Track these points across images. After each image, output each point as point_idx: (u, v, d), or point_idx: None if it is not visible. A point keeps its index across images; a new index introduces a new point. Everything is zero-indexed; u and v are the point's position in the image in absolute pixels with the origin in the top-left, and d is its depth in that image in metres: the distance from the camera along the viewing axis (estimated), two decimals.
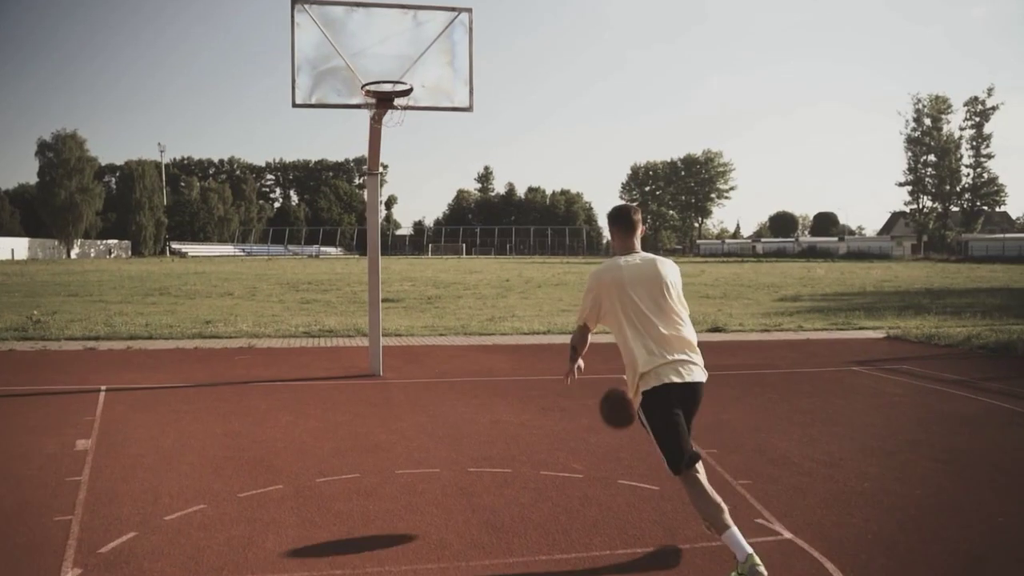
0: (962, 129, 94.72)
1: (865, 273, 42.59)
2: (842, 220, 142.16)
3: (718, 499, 3.88)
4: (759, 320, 16.17)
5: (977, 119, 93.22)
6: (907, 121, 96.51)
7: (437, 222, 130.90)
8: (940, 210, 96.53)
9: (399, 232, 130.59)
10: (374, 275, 9.03)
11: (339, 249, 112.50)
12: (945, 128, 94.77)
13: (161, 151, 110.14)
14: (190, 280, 32.54)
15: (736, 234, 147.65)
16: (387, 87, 7.28)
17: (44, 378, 8.85)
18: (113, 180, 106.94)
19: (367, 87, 7.32)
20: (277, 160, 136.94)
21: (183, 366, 9.74)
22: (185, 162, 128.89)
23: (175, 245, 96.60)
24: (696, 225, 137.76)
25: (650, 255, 4.35)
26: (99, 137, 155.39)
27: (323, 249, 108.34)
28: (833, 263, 70.76)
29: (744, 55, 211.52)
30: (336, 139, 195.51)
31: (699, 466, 4.04)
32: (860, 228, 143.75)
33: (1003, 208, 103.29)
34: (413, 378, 9.02)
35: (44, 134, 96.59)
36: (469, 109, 7.85)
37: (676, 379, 4.13)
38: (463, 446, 6.07)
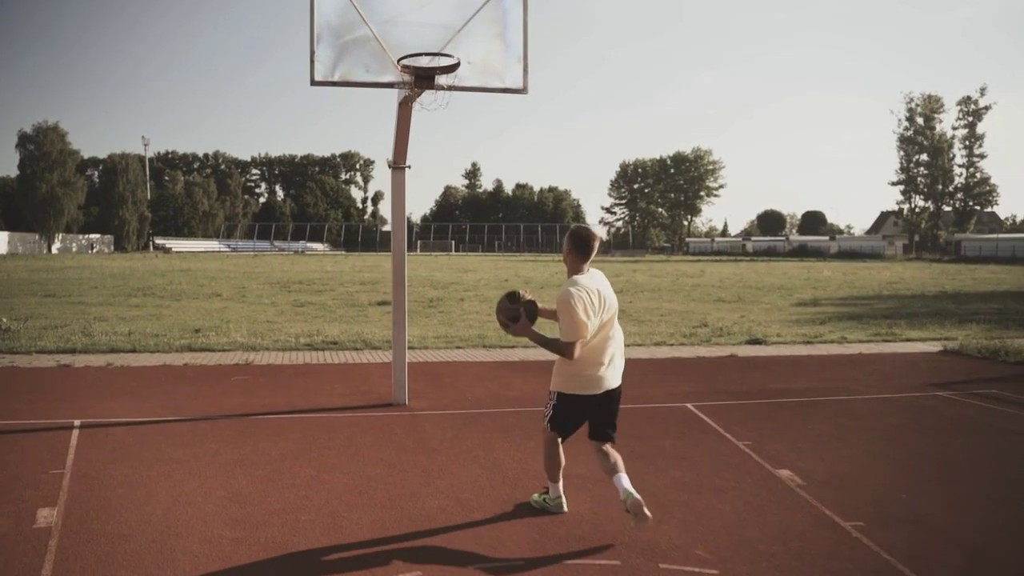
0: (955, 129, 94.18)
1: (870, 274, 41.61)
2: (830, 219, 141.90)
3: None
4: (793, 329, 14.99)
5: (970, 119, 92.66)
6: (900, 120, 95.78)
7: (424, 219, 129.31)
8: (932, 210, 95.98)
9: (386, 228, 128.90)
10: (400, 289, 7.67)
11: (325, 245, 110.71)
12: (938, 128, 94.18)
13: (145, 145, 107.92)
14: (175, 279, 31.02)
15: (724, 232, 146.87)
16: (427, 61, 5.95)
17: (7, 408, 7.43)
18: (96, 174, 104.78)
19: (404, 61, 5.98)
20: (263, 155, 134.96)
21: (172, 390, 8.36)
22: (169, 156, 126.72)
23: (159, 240, 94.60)
24: (685, 223, 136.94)
25: (598, 272, 4.95)
26: (81, 130, 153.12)
27: (309, 245, 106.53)
28: (827, 262, 69.99)
29: (731, 51, 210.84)
30: (322, 134, 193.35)
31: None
32: (849, 227, 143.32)
33: (993, 208, 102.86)
34: (443, 407, 7.69)
35: (25, 126, 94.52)
36: (523, 91, 6.49)
37: (596, 391, 4.82)
38: (542, 520, 4.77)
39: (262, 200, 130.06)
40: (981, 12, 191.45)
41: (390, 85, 6.33)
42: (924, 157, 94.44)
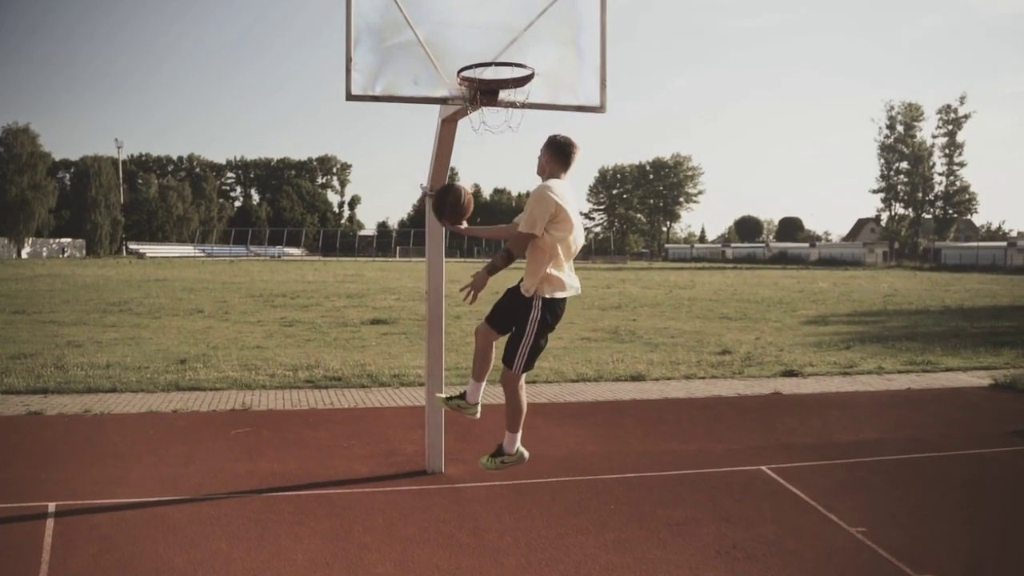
0: (934, 137, 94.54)
1: (862, 285, 40.99)
2: (807, 225, 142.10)
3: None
4: (821, 356, 14.05)
5: (950, 127, 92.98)
6: (880, 128, 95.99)
7: (402, 223, 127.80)
8: (912, 217, 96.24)
9: (363, 233, 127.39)
10: (436, 339, 6.54)
11: (302, 250, 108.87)
12: (918, 136, 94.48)
13: (118, 147, 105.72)
14: (151, 290, 29.62)
15: (703, 238, 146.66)
16: (490, 73, 4.83)
17: None
18: (67, 177, 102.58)
19: (465, 72, 4.88)
20: (238, 158, 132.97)
21: (163, 450, 7.15)
22: (143, 159, 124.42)
23: (132, 245, 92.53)
24: (664, 229, 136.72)
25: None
26: (53, 132, 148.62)
27: (286, 250, 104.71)
28: (812, 270, 69.55)
29: (707, 54, 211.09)
30: (299, 137, 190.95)
31: None
32: (827, 234, 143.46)
33: (971, 216, 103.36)
34: (486, 477, 6.55)
35: None
36: (600, 109, 5.40)
37: (569, 294, 5.00)
38: None
39: (237, 204, 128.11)
40: (948, 20, 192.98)
41: (443, 101, 5.19)
42: (904, 165, 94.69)
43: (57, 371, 10.88)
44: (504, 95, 4.99)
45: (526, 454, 5.31)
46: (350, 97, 4.94)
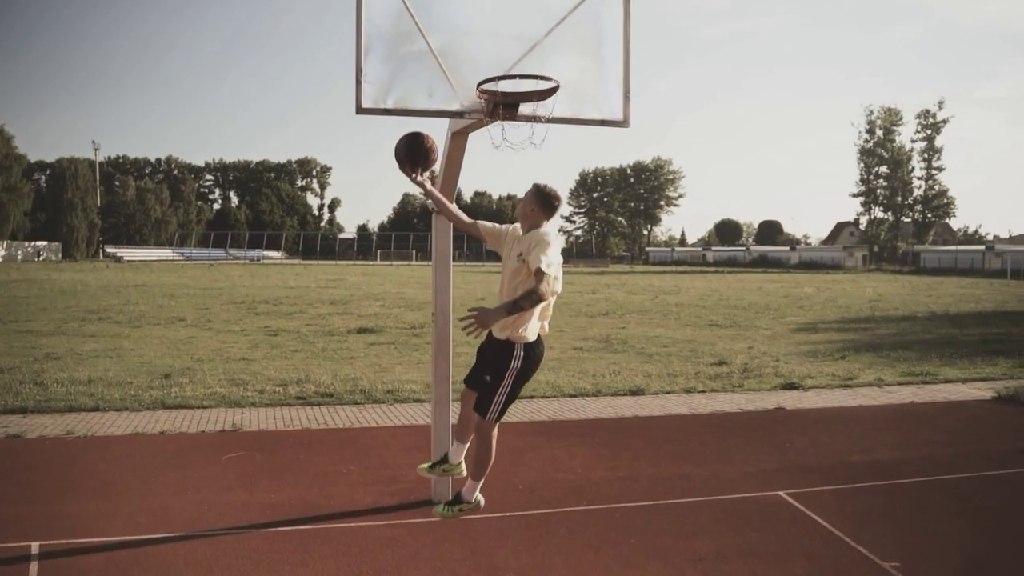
0: (913, 141, 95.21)
1: (846, 290, 41.02)
2: (787, 229, 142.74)
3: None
4: (820, 368, 13.86)
5: (928, 132, 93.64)
6: (860, 132, 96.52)
7: (382, 226, 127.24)
8: (892, 221, 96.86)
9: (343, 236, 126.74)
10: (443, 364, 6.22)
11: (282, 253, 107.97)
12: (897, 140, 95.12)
13: (95, 149, 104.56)
14: (131, 297, 29.06)
15: (683, 241, 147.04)
16: (510, 85, 4.52)
17: None
18: (43, 179, 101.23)
19: (486, 86, 4.57)
20: (217, 160, 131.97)
21: (153, 479, 6.76)
22: (120, 161, 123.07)
23: (109, 249, 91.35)
24: (645, 232, 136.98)
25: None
26: (28, 133, 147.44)
27: (265, 253, 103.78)
28: (794, 274, 69.77)
29: (687, 58, 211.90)
30: (278, 139, 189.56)
31: None
32: (806, 237, 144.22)
33: (950, 220, 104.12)
34: (495, 506, 6.22)
35: None
36: (624, 123, 5.10)
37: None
38: None
39: (216, 207, 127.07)
40: (925, 28, 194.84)
41: (460, 115, 4.88)
42: (884, 169, 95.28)
43: (36, 388, 10.46)
44: (524, 109, 4.69)
45: (482, 502, 5.23)
46: (360, 111, 4.61)
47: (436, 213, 5.79)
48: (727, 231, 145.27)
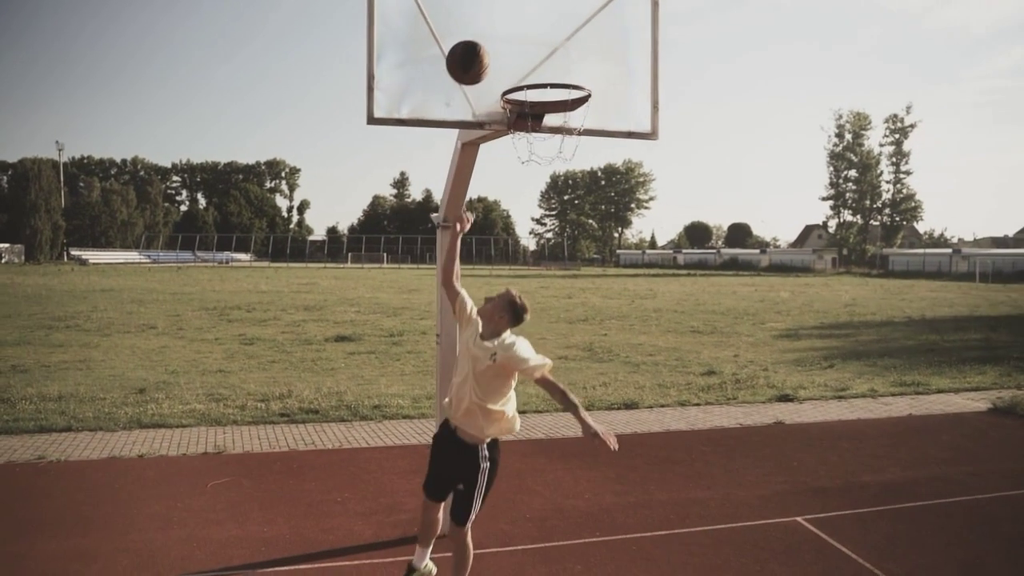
0: (881, 146, 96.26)
1: (819, 294, 41.16)
2: (756, 231, 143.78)
3: None
4: (810, 378, 13.68)
5: (897, 136, 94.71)
6: (830, 136, 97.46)
7: (352, 228, 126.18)
8: (861, 224, 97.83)
9: (313, 238, 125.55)
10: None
11: (251, 256, 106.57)
12: (866, 144, 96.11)
13: (59, 149, 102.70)
14: (98, 301, 28.29)
15: (653, 244, 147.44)
16: (534, 94, 4.15)
17: None
18: (5, 179, 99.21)
19: (511, 95, 4.20)
20: (184, 161, 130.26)
21: (134, 513, 6.29)
22: (85, 161, 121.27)
23: (74, 251, 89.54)
24: (616, 235, 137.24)
25: None
26: None
27: (234, 256, 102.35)
28: (765, 277, 70.13)
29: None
30: (246, 140, 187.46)
31: None
32: (775, 239, 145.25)
33: (917, 223, 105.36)
34: (506, 538, 5.85)
35: None
36: (652, 135, 4.77)
37: None
38: None
39: (183, 208, 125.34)
40: (885, 33, 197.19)
41: (479, 125, 4.51)
42: (853, 173, 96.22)
43: (3, 405, 9.92)
44: (550, 120, 4.33)
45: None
46: (372, 120, 4.21)
47: (442, 228, 5.41)
48: (697, 233, 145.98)
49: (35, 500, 6.56)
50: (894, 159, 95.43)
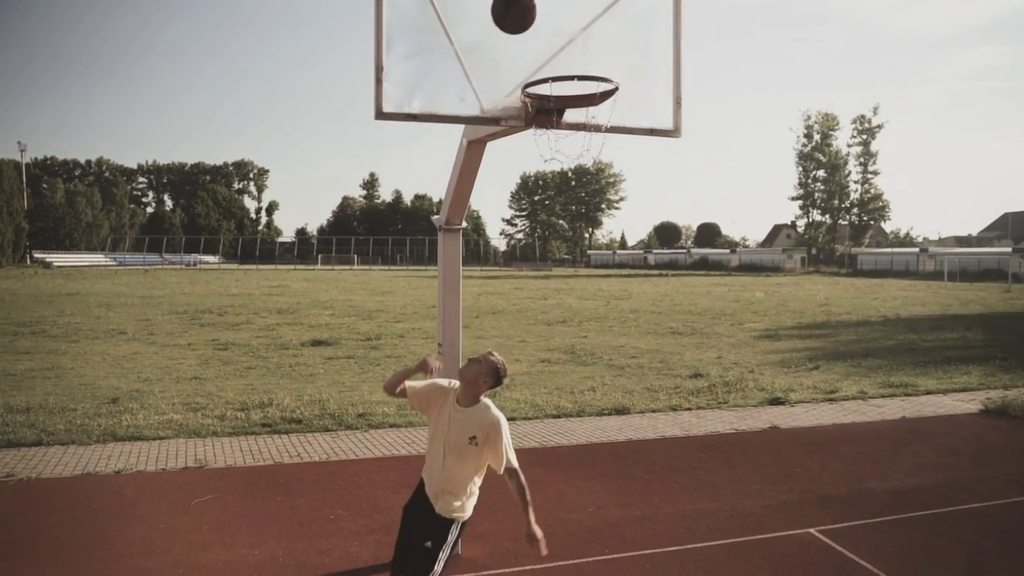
0: (849, 146, 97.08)
1: (793, 293, 41.26)
2: (725, 231, 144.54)
3: None
4: (798, 380, 13.55)
5: (864, 136, 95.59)
6: (798, 137, 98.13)
7: (321, 230, 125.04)
8: (829, 224, 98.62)
9: (282, 239, 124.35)
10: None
11: (219, 258, 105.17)
12: (834, 144, 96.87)
13: (21, 150, 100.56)
14: (64, 307, 27.55)
15: (623, 244, 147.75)
16: (549, 88, 3.85)
17: None
18: None
19: (532, 89, 3.90)
20: (150, 162, 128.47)
21: (113, 532, 5.92)
22: (48, 162, 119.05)
23: (38, 254, 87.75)
24: (586, 235, 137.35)
25: None
26: None
27: (201, 258, 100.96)
28: (736, 277, 70.39)
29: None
30: (214, 141, 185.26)
31: None
32: (744, 239, 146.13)
33: (884, 223, 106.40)
34: (510, 559, 5.55)
35: None
36: (675, 133, 4.49)
37: None
38: None
39: (150, 210, 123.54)
40: (846, 35, 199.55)
41: (495, 121, 4.20)
42: (821, 173, 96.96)
43: None
44: (571, 115, 4.04)
45: None
46: (380, 115, 3.89)
47: (443, 231, 5.10)
48: (666, 233, 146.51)
49: (8, 524, 6.15)
50: (862, 159, 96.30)
